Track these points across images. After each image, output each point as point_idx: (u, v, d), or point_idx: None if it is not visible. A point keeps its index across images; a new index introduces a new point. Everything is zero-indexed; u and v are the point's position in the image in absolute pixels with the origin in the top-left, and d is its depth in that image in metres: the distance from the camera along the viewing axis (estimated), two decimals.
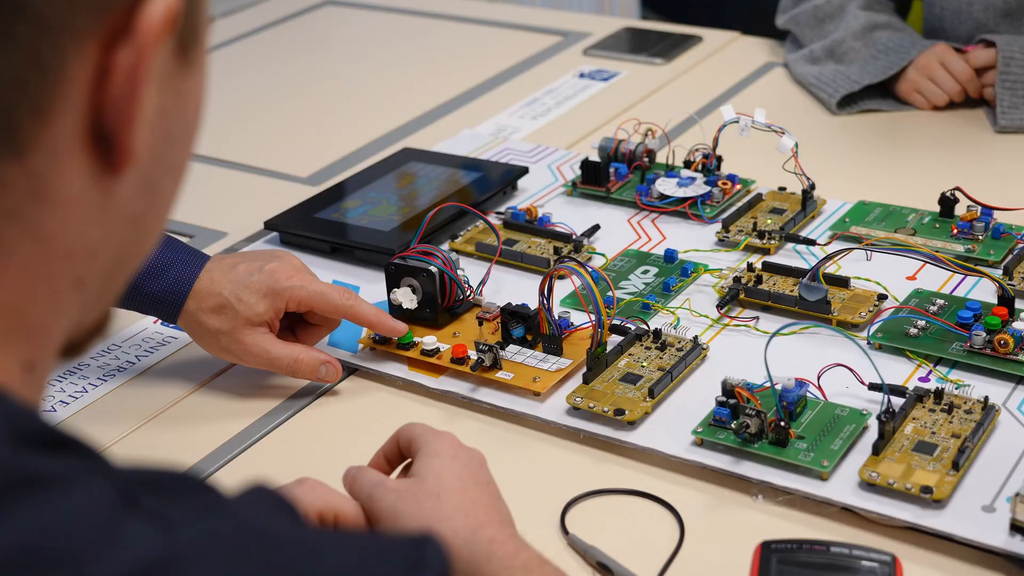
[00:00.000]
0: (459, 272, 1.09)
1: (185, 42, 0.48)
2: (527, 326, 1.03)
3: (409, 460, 0.83)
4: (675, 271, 1.15)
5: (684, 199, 1.25)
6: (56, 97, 0.44)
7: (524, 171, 1.35)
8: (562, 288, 1.12)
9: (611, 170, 1.31)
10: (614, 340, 1.02)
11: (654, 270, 1.16)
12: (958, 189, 1.20)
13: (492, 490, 0.79)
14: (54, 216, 0.46)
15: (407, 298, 1.07)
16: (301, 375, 1.02)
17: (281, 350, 1.01)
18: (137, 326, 1.14)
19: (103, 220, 0.48)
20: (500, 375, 1.00)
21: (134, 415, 1.02)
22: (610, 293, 1.06)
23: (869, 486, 0.86)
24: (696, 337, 1.03)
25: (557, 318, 1.03)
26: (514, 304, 1.05)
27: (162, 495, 0.44)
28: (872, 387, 0.94)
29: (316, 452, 0.97)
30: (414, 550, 0.47)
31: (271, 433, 1.00)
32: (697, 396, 0.97)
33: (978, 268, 1.03)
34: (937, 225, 1.20)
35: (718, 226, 1.22)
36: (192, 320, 1.01)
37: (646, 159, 1.33)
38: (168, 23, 0.46)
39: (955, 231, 1.17)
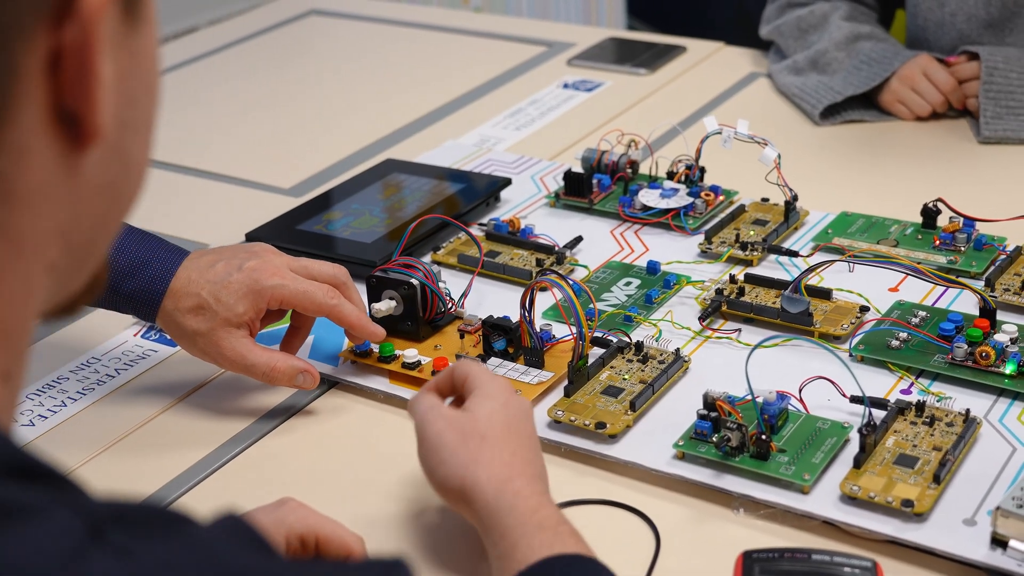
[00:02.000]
0: (441, 284, 1.09)
1: (131, 1, 0.48)
2: (509, 339, 1.03)
3: (455, 397, 0.86)
4: (658, 283, 1.15)
5: (667, 210, 1.25)
6: (14, 97, 0.43)
7: (507, 182, 1.35)
8: (544, 300, 1.12)
9: (594, 181, 1.31)
10: (596, 353, 1.02)
11: (637, 282, 1.16)
12: (940, 200, 1.20)
13: (532, 443, 0.82)
14: (24, 213, 0.45)
15: (388, 310, 1.07)
16: (278, 383, 1.00)
17: (258, 356, 0.99)
18: (116, 339, 1.14)
19: (74, 200, 0.47)
20: None
21: (113, 430, 1.02)
22: (592, 306, 1.05)
23: (850, 499, 0.86)
24: (678, 350, 1.03)
25: (539, 331, 1.03)
26: (496, 317, 1.05)
27: (130, 528, 0.44)
28: (854, 400, 0.94)
29: (297, 466, 0.97)
30: None
31: (252, 447, 0.99)
32: (679, 409, 0.97)
33: (960, 280, 1.03)
34: (919, 236, 1.20)
35: (701, 237, 1.22)
36: (170, 320, 0.99)
37: (629, 170, 1.33)
38: None
39: (937, 242, 1.17)
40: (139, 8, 0.48)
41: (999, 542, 0.80)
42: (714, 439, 0.90)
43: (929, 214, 1.20)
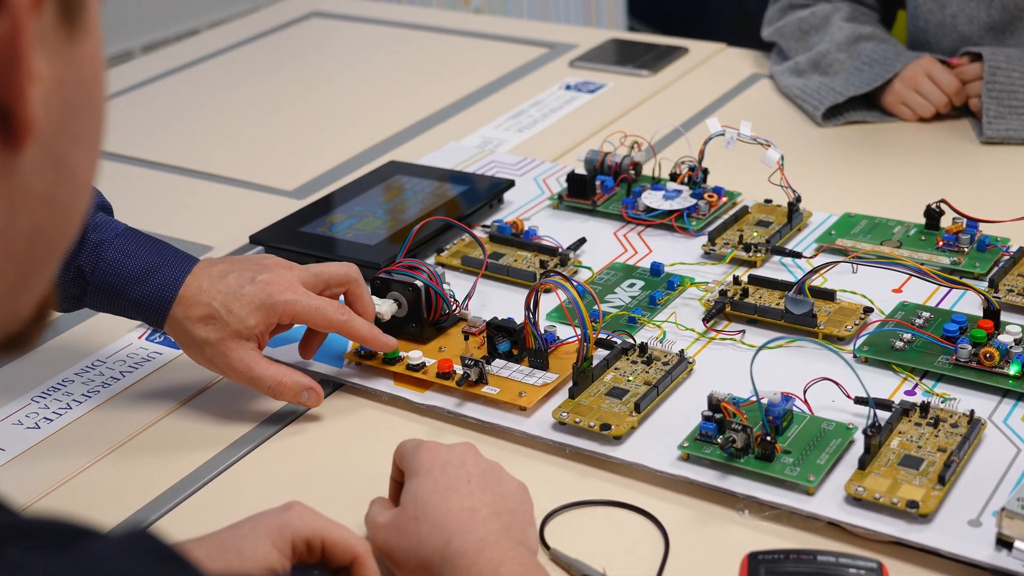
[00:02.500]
0: (445, 286, 1.09)
1: (70, 7, 0.48)
2: (513, 340, 1.03)
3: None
4: (661, 284, 1.15)
5: (670, 212, 1.25)
6: None
7: (510, 184, 1.35)
8: (548, 302, 1.12)
9: (597, 183, 1.31)
10: (600, 354, 1.02)
11: (640, 283, 1.16)
12: (943, 201, 1.20)
13: (471, 488, 0.81)
14: None
15: (392, 312, 1.07)
16: (282, 398, 1.01)
17: (265, 370, 0.99)
18: (121, 342, 1.14)
19: (8, 201, 0.47)
20: (486, 390, 1.00)
21: (118, 433, 1.02)
22: (596, 307, 1.05)
23: (855, 501, 0.86)
24: (682, 351, 1.03)
25: (543, 332, 1.03)
26: (500, 318, 1.05)
27: (32, 545, 0.43)
28: (858, 401, 0.94)
29: (303, 468, 0.97)
30: None
31: (257, 449, 0.99)
32: (683, 410, 0.97)
33: (963, 281, 1.04)
34: (923, 237, 1.20)
35: (704, 239, 1.22)
36: (179, 327, 1.00)
37: (632, 172, 1.33)
38: None
39: (941, 243, 1.17)
40: (80, 16, 0.49)
41: (1004, 543, 0.80)
42: (719, 440, 0.90)
43: (932, 215, 1.20)
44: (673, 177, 1.31)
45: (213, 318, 0.98)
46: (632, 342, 1.04)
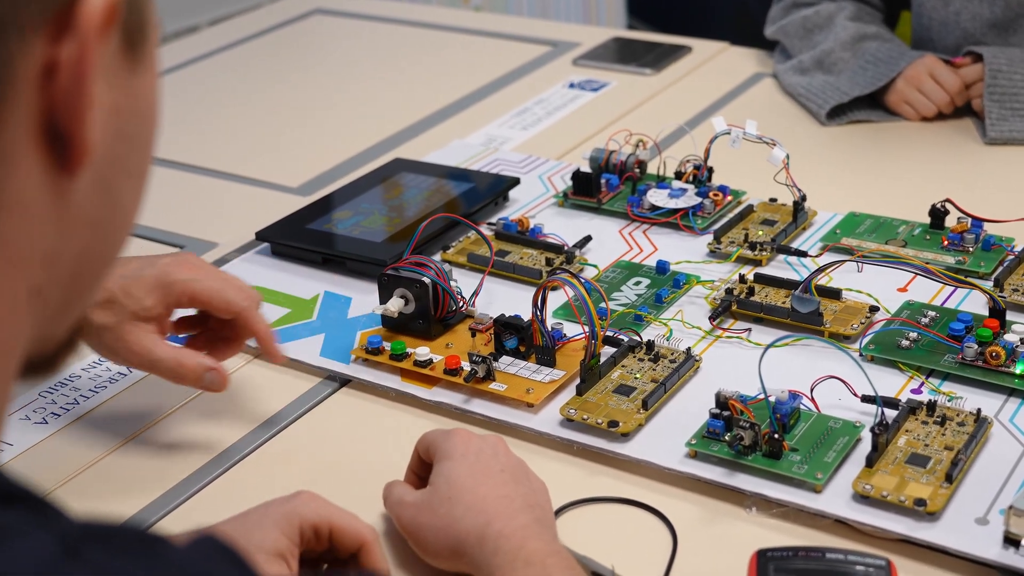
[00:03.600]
0: (452, 283, 1.09)
1: (132, 39, 0.49)
2: (520, 337, 1.03)
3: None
4: (667, 282, 1.15)
5: (675, 210, 1.26)
6: (5, 97, 0.44)
7: (515, 182, 1.35)
8: (555, 299, 1.12)
9: (602, 181, 1.32)
10: (607, 352, 1.03)
11: (646, 281, 1.16)
12: (948, 201, 1.20)
13: (505, 477, 0.82)
14: (8, 220, 0.45)
15: (400, 309, 1.07)
16: (184, 381, 0.96)
17: (165, 352, 0.95)
18: None
19: (60, 224, 0.47)
20: (493, 386, 1.00)
21: (127, 427, 1.02)
22: (603, 304, 1.06)
23: (863, 498, 0.86)
24: (689, 349, 1.03)
25: (550, 329, 1.03)
26: (507, 315, 1.05)
27: (107, 548, 0.44)
28: (865, 399, 0.95)
29: (309, 464, 0.97)
30: None
31: (264, 446, 0.99)
32: (690, 408, 0.97)
33: (969, 280, 1.04)
34: (928, 237, 1.20)
35: (709, 237, 1.22)
36: None
37: (637, 170, 1.33)
38: (109, 14, 0.46)
39: (945, 243, 1.18)
40: (141, 50, 0.49)
41: (1012, 541, 0.81)
42: (727, 438, 0.90)
43: (937, 214, 1.21)
44: (678, 175, 1.31)
45: (112, 302, 0.94)
46: (639, 340, 1.04)
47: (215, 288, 0.96)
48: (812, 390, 0.96)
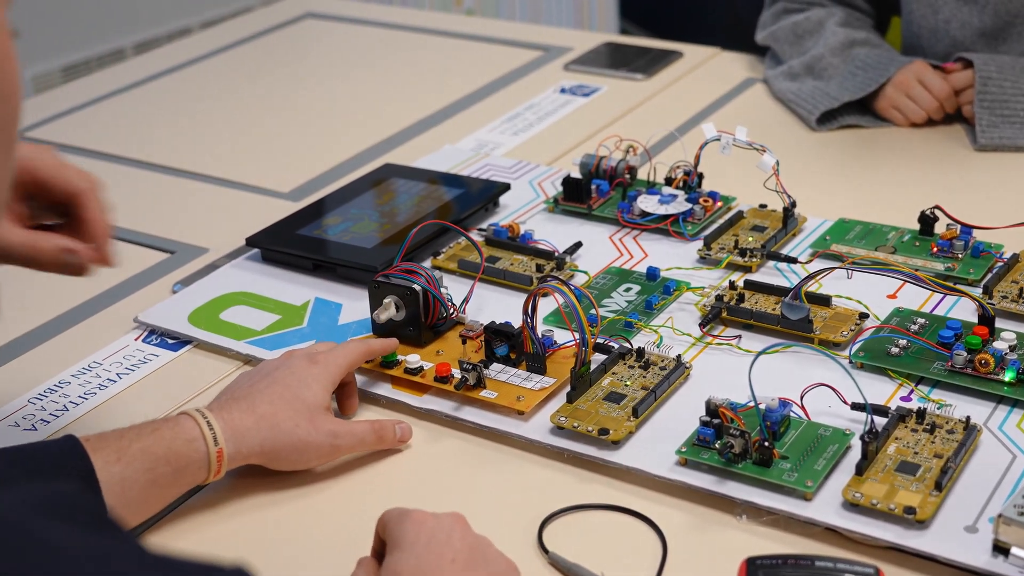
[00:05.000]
0: (442, 290, 1.09)
1: None
2: (511, 344, 1.04)
3: None
4: (657, 289, 1.16)
5: (666, 216, 1.26)
6: None
7: (506, 187, 1.35)
8: (545, 306, 1.13)
9: (593, 187, 1.32)
10: (597, 359, 1.03)
11: (636, 288, 1.16)
12: (938, 207, 1.20)
13: (455, 568, 0.76)
14: None
15: (390, 316, 1.07)
16: (43, 266, 0.89)
17: (18, 236, 0.88)
18: (118, 343, 1.14)
19: None
20: (484, 394, 1.00)
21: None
22: (593, 311, 1.06)
23: (852, 506, 0.86)
24: (679, 356, 1.04)
25: (541, 336, 1.03)
26: (497, 322, 1.05)
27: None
28: (855, 407, 0.95)
29: (301, 472, 0.97)
30: None
31: None
32: (681, 415, 0.97)
33: (958, 287, 1.04)
34: (917, 243, 1.20)
35: (700, 243, 1.22)
36: None
37: (627, 176, 1.33)
38: None
39: (935, 249, 1.18)
40: None
41: (1001, 549, 0.81)
42: (717, 445, 0.90)
43: (927, 221, 1.21)
44: (668, 181, 1.31)
45: None
46: (629, 347, 1.04)
47: (53, 166, 0.90)
48: (802, 397, 0.96)
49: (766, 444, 0.89)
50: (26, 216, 0.91)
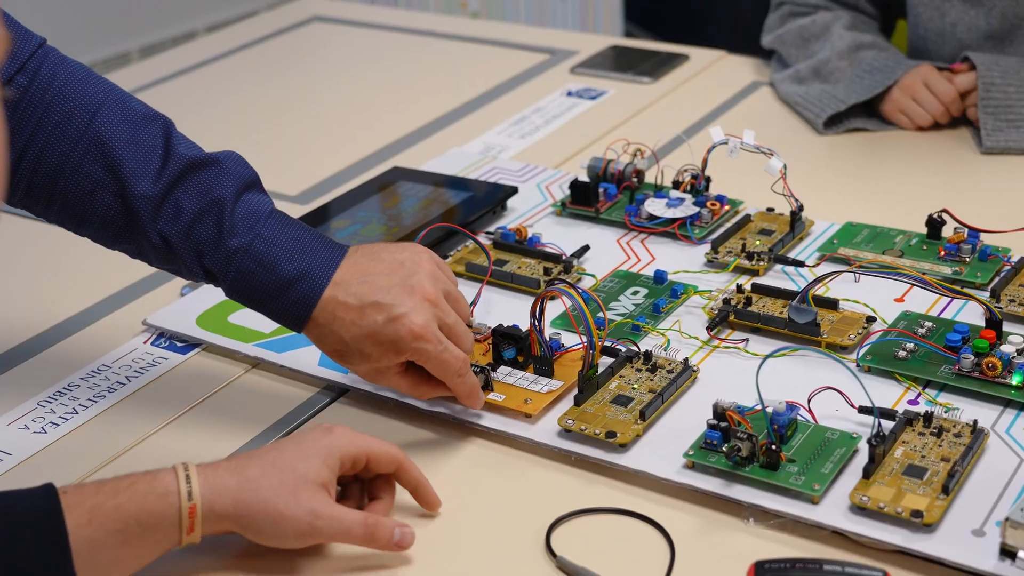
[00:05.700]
0: None
1: None
2: (518, 347, 1.04)
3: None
4: (665, 292, 1.16)
5: (673, 220, 1.26)
6: None
7: (513, 191, 1.35)
8: (553, 309, 1.13)
9: (600, 190, 1.32)
10: (605, 362, 1.03)
11: (644, 291, 1.16)
12: (945, 211, 1.21)
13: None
14: None
15: None
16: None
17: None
18: (127, 346, 1.14)
19: None
20: (491, 397, 1.00)
21: (124, 438, 1.02)
22: (601, 315, 1.06)
23: (860, 510, 0.86)
24: (687, 359, 1.04)
25: (548, 340, 1.03)
26: (505, 325, 1.05)
27: None
28: (862, 410, 0.95)
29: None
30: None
31: None
32: (688, 418, 0.98)
33: (965, 291, 1.04)
34: (924, 247, 1.20)
35: (707, 247, 1.22)
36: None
37: (635, 179, 1.33)
38: None
39: (942, 253, 1.18)
40: None
41: (1008, 553, 0.81)
42: (724, 449, 0.90)
43: (934, 225, 1.21)
44: (676, 185, 1.31)
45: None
46: (637, 350, 1.04)
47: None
48: (809, 401, 0.96)
49: (773, 447, 0.89)
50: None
